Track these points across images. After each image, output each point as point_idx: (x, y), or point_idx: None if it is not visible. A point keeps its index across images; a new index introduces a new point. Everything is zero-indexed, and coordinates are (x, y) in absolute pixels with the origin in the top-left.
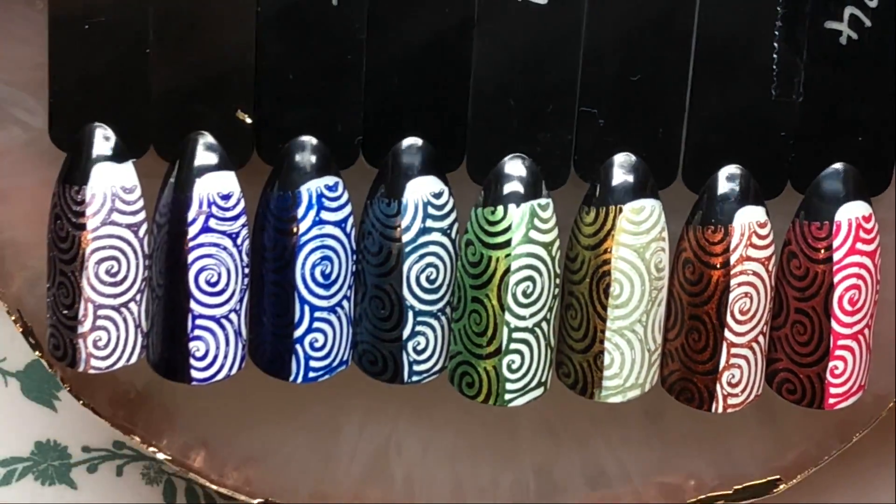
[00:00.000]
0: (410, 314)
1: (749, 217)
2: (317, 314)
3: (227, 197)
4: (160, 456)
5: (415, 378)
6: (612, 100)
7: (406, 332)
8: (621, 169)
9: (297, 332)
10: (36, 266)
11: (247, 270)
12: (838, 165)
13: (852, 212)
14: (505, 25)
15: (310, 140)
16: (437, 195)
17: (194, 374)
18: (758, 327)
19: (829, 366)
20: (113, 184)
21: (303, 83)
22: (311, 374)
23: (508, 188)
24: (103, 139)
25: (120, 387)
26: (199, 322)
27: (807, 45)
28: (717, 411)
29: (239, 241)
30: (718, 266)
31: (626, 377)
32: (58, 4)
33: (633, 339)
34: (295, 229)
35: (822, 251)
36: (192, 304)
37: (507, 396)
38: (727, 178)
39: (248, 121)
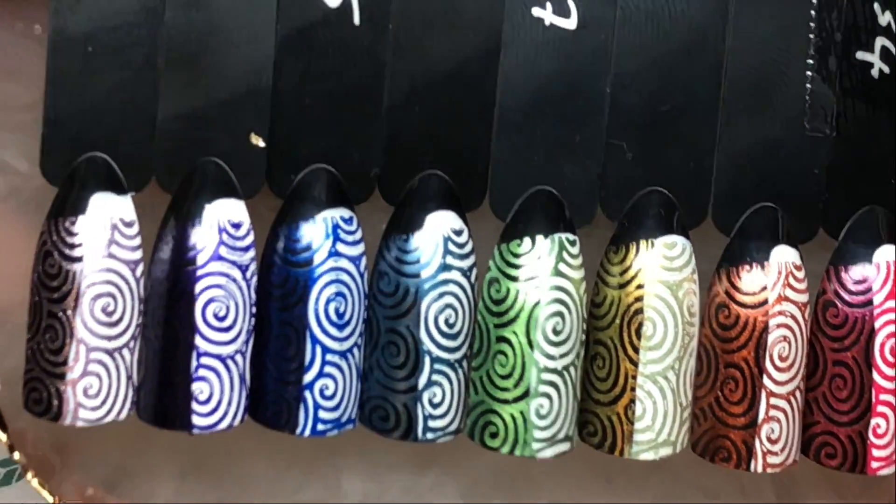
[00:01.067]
0: (427, 360)
1: (785, 257)
2: (328, 357)
3: (237, 226)
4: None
5: (429, 435)
6: (641, 132)
7: (422, 381)
8: (651, 204)
9: (308, 377)
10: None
11: (254, 310)
12: (872, 207)
13: (889, 254)
14: (531, 52)
15: (325, 170)
16: (458, 232)
17: (196, 419)
18: (796, 378)
19: (872, 424)
20: (112, 215)
21: (319, 109)
22: (320, 427)
23: (535, 219)
24: (101, 170)
25: None
26: (203, 361)
27: (839, 77)
28: (755, 470)
29: (248, 274)
30: (756, 306)
31: (659, 431)
32: (59, 26)
33: (665, 388)
34: (310, 261)
35: (861, 295)
36: (198, 340)
37: (536, 446)
38: (761, 217)
39: (262, 144)
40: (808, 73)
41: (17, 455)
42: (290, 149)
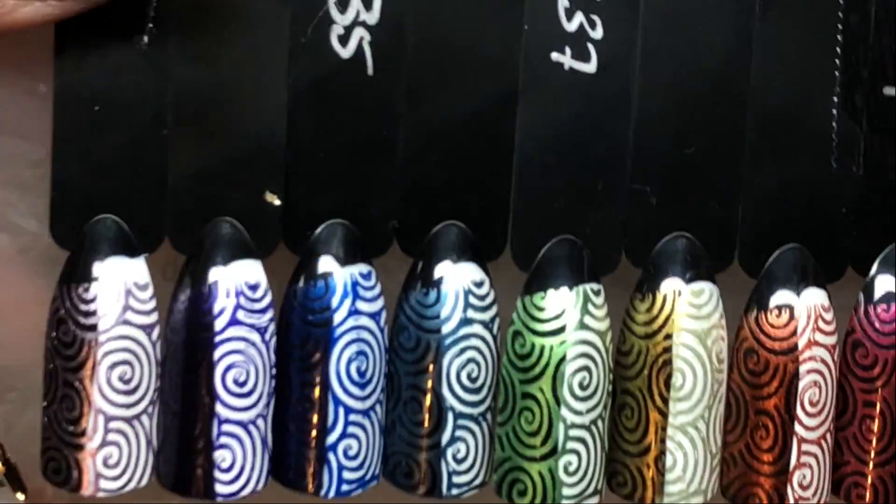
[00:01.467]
0: (450, 416)
1: (814, 300)
2: (352, 417)
3: (254, 287)
4: None
5: (454, 491)
6: (665, 175)
7: (445, 438)
8: (677, 251)
9: (331, 439)
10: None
11: (274, 371)
12: None
13: None
14: (550, 97)
15: (342, 224)
16: (479, 284)
17: (219, 487)
18: (827, 422)
19: None
20: (125, 279)
21: (334, 162)
22: (345, 487)
23: (559, 271)
24: (112, 232)
25: None
26: (225, 428)
27: (866, 113)
28: None
29: (267, 336)
30: (786, 352)
31: (690, 481)
32: (64, 86)
33: (696, 438)
34: (329, 320)
35: (892, 336)
36: (219, 407)
37: (564, 503)
38: (788, 259)
39: (277, 203)
40: (834, 110)
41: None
42: (306, 204)
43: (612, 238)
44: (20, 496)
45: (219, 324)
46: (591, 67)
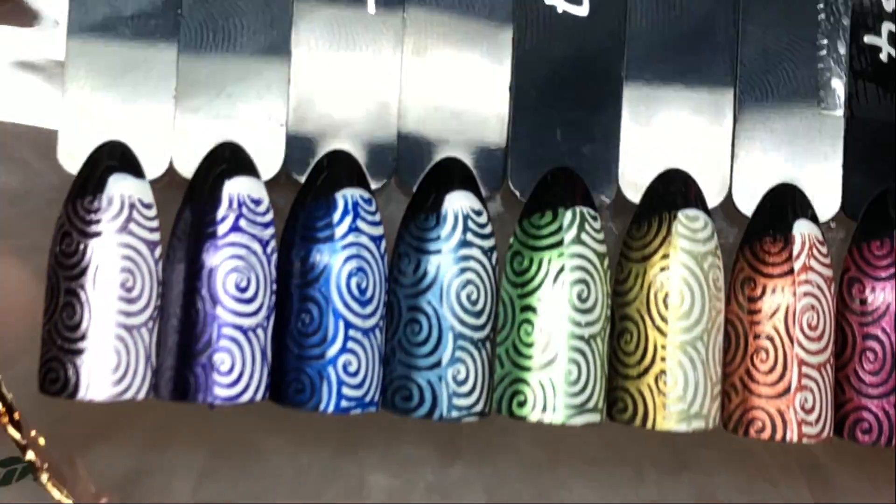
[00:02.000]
0: (450, 336)
1: (808, 229)
2: (351, 333)
3: (257, 202)
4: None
5: (454, 413)
6: (658, 114)
7: (445, 357)
8: (672, 181)
9: (330, 353)
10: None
11: (274, 287)
12: (889, 188)
13: None
14: (545, 37)
15: (343, 152)
16: (478, 213)
17: (218, 391)
18: (826, 351)
19: None
20: (130, 194)
21: (338, 95)
22: (344, 404)
23: (556, 195)
24: (119, 154)
25: None
26: (224, 331)
27: (849, 60)
28: (791, 439)
29: (269, 250)
30: (782, 275)
31: (691, 402)
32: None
33: (695, 359)
34: (331, 236)
35: (886, 269)
36: (219, 310)
37: (566, 412)
38: (781, 195)
39: (280, 124)
40: (819, 53)
41: (30, 454)
42: (309, 134)
43: (606, 170)
44: (15, 434)
45: (221, 229)
46: (583, 10)
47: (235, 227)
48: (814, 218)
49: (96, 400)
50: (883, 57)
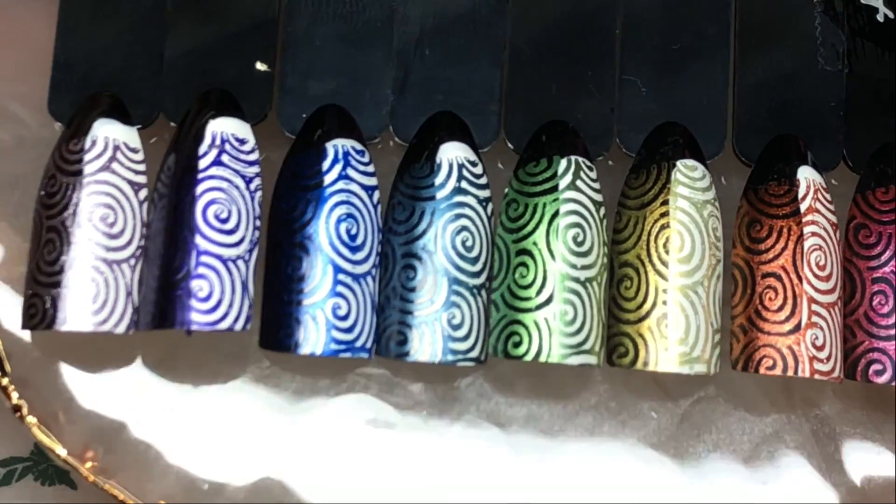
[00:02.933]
0: (445, 281)
1: (812, 175)
2: (340, 277)
3: (242, 141)
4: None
5: (450, 357)
6: (654, 69)
7: (441, 301)
8: (669, 132)
9: (319, 295)
10: None
11: (258, 223)
12: (889, 142)
13: None
14: None
15: (336, 106)
16: (473, 164)
17: (195, 316)
18: (834, 292)
19: None
20: (116, 137)
21: (330, 50)
22: (334, 346)
23: (552, 144)
24: (108, 102)
25: None
26: (203, 259)
27: (847, 19)
28: (803, 373)
29: (252, 186)
30: (788, 215)
31: (693, 345)
32: None
33: (696, 303)
34: (320, 183)
35: (891, 213)
36: (198, 239)
37: (562, 351)
38: (784, 143)
39: (265, 68)
40: (816, 13)
41: (15, 396)
42: (301, 88)
43: (603, 123)
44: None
45: (203, 163)
46: None
47: (217, 162)
48: (818, 167)
49: (74, 330)
50: (879, 17)
